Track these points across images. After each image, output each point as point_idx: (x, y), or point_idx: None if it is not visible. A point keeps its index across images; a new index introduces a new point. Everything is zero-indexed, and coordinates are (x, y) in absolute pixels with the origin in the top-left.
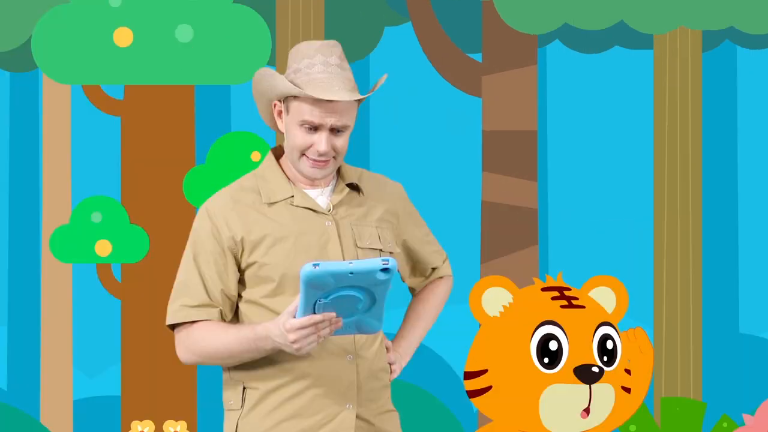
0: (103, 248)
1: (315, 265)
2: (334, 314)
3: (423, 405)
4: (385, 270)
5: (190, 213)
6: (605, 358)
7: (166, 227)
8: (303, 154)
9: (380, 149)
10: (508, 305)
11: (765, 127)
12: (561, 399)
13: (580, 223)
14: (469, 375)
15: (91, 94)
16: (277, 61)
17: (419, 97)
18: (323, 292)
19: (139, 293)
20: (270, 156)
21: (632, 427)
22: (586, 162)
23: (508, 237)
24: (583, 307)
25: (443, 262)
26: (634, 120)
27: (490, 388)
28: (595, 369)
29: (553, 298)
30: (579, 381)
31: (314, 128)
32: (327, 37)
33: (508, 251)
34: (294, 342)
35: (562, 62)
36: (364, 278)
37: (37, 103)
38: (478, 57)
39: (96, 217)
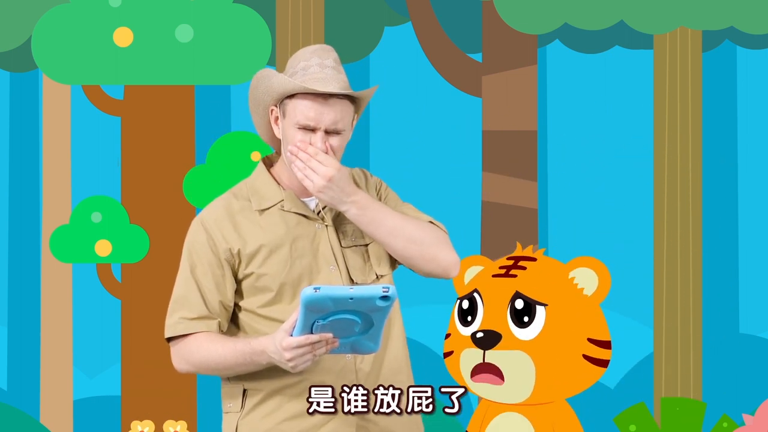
0: (103, 248)
1: (316, 289)
2: (330, 335)
3: None
4: (384, 297)
5: (190, 213)
6: (524, 320)
7: (166, 227)
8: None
9: (380, 149)
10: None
11: (765, 127)
12: (465, 363)
13: (580, 223)
14: (446, 337)
15: (91, 94)
16: (277, 61)
17: (419, 97)
18: (321, 314)
19: (139, 293)
20: (261, 165)
21: (632, 427)
22: (586, 162)
23: (508, 237)
24: (515, 276)
25: (432, 221)
26: (634, 120)
27: (451, 352)
28: (479, 334)
29: (495, 275)
30: (474, 345)
31: (311, 130)
32: (327, 36)
33: (508, 251)
34: (290, 360)
35: (562, 62)
36: (364, 304)
37: (37, 103)
38: (478, 57)
39: (96, 217)
